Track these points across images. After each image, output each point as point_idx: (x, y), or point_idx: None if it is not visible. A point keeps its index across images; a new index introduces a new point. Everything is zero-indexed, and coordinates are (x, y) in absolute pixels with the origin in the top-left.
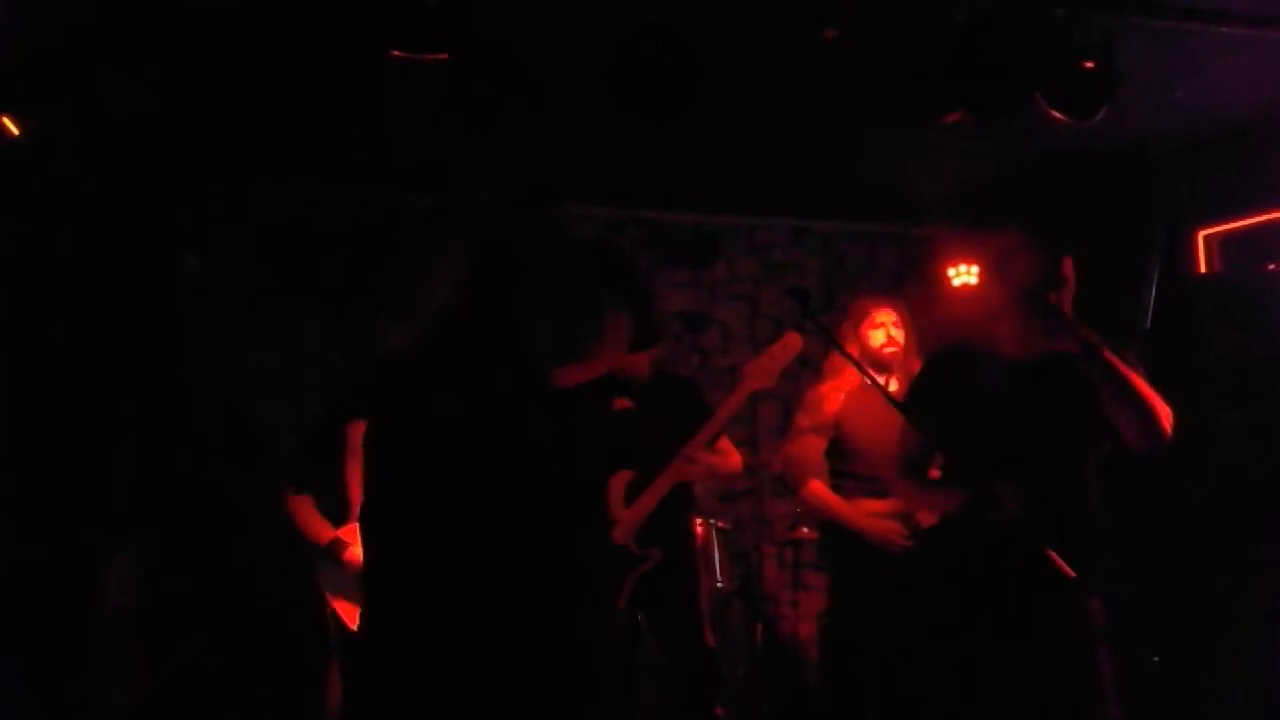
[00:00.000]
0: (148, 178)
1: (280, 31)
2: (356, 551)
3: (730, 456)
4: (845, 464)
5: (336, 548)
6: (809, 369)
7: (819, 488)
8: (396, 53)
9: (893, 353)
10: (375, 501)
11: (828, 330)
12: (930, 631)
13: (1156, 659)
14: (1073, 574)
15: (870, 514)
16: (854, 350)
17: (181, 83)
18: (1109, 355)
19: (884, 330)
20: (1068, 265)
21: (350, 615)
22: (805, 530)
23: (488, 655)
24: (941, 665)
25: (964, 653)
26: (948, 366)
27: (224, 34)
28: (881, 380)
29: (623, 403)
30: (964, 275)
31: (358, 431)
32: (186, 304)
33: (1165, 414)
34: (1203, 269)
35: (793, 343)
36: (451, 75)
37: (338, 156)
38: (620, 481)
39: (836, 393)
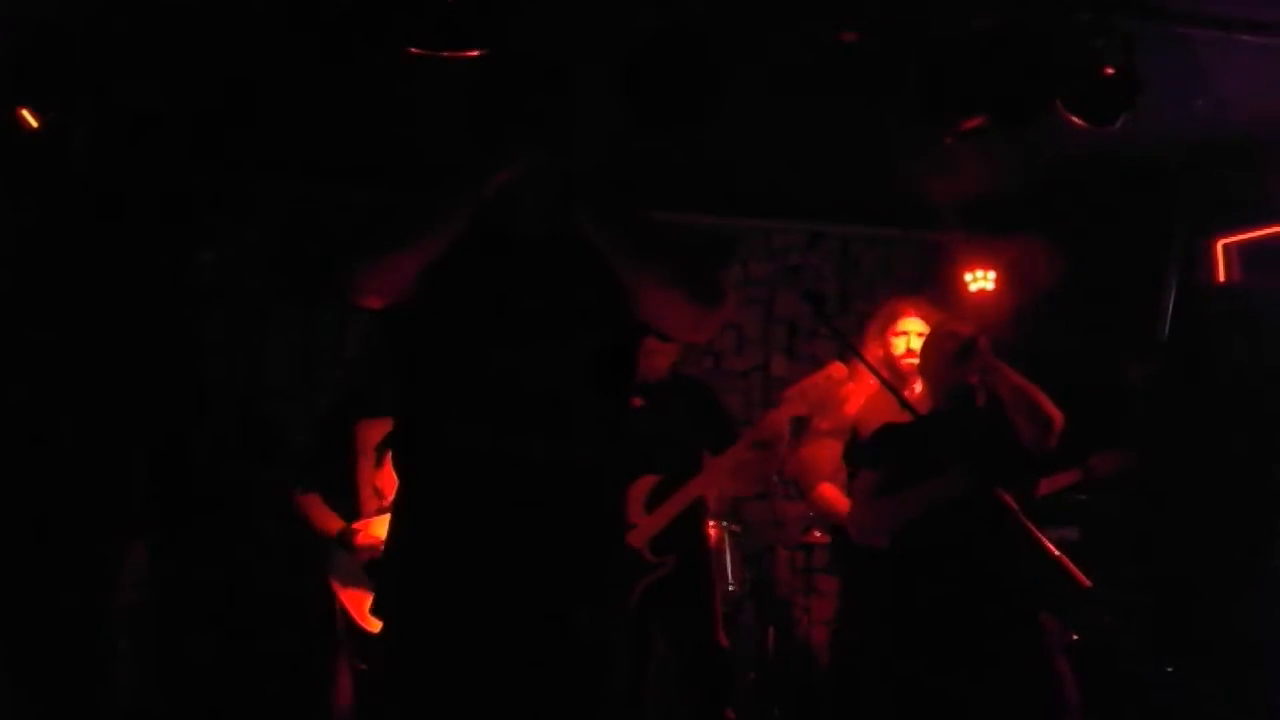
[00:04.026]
0: (163, 173)
1: (294, 28)
2: (366, 538)
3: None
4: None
5: (347, 535)
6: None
7: (830, 491)
8: (415, 50)
9: (910, 365)
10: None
11: (843, 334)
12: (914, 649)
13: (1170, 669)
14: (1088, 583)
15: None
16: (878, 350)
17: (195, 79)
18: (1011, 373)
19: (905, 340)
20: (983, 341)
21: (357, 607)
22: (818, 534)
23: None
24: (927, 683)
25: (945, 674)
26: (883, 439)
27: (238, 30)
28: (904, 386)
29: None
30: (980, 281)
31: (368, 430)
32: (201, 300)
33: (1056, 417)
34: (1221, 278)
35: (837, 373)
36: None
37: (352, 155)
38: (643, 486)
39: (856, 396)
